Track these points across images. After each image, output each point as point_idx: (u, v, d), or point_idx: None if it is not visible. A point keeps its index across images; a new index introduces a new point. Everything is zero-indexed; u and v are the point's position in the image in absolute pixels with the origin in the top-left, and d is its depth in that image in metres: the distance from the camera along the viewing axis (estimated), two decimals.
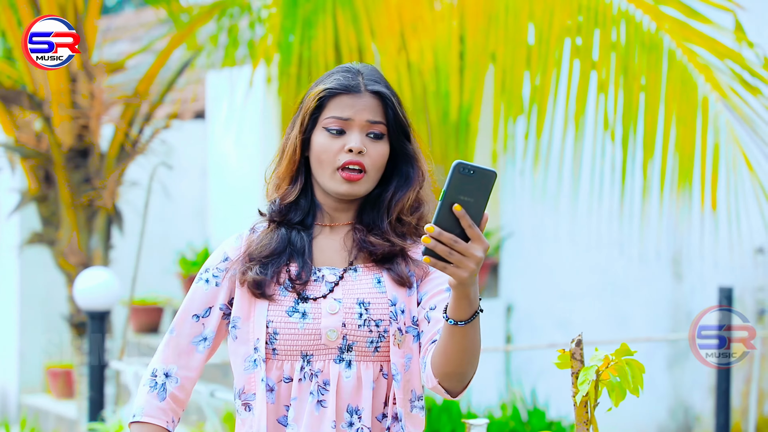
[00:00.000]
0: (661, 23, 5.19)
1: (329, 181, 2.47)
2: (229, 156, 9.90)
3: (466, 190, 2.15)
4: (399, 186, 2.52)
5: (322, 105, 2.48)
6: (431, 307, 2.46)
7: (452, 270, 2.18)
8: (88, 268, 6.10)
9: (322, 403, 2.43)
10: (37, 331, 9.92)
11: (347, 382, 2.44)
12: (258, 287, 2.45)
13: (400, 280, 2.48)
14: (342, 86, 2.47)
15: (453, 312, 2.26)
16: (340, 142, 2.46)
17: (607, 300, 7.97)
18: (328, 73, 2.54)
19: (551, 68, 5.33)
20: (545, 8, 5.32)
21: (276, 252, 2.48)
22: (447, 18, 5.50)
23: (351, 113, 2.46)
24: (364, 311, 2.45)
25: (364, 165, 2.46)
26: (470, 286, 2.22)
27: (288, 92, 5.89)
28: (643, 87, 5.24)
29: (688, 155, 5.20)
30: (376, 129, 2.48)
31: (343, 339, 2.44)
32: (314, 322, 2.44)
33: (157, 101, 6.68)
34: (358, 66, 2.54)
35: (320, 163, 2.47)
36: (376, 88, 2.49)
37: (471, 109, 5.44)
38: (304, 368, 2.44)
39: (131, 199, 7.32)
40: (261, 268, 2.47)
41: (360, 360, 2.45)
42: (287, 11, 5.83)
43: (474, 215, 2.17)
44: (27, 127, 6.54)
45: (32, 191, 6.65)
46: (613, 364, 2.28)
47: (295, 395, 2.44)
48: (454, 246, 2.16)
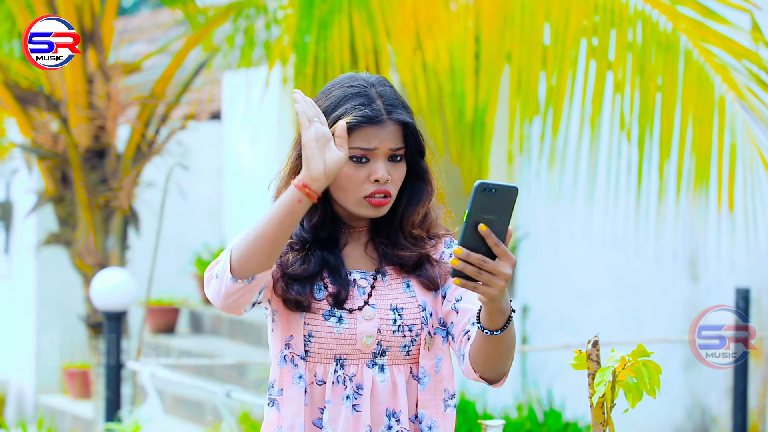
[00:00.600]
0: (677, 23, 5.17)
1: (354, 207, 2.47)
2: (244, 156, 9.91)
3: (490, 209, 2.19)
4: (410, 202, 2.53)
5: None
6: (457, 299, 2.49)
7: (482, 289, 2.22)
8: (104, 269, 6.11)
9: (356, 407, 2.45)
10: (54, 331, 9.94)
11: (382, 386, 2.47)
12: (299, 306, 2.45)
13: (429, 285, 2.51)
14: (366, 118, 2.44)
15: (487, 323, 2.30)
16: (364, 171, 2.45)
17: (623, 301, 7.95)
18: (342, 94, 2.48)
19: (567, 68, 5.32)
20: (561, 8, 5.31)
21: (314, 273, 2.47)
22: (462, 18, 5.50)
23: (376, 143, 2.45)
24: (398, 317, 2.48)
25: (389, 192, 2.46)
26: (501, 300, 2.26)
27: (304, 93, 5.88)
28: (660, 87, 5.23)
29: (705, 155, 5.19)
30: (398, 153, 2.48)
31: (377, 344, 2.46)
32: (350, 328, 2.45)
33: (173, 102, 6.70)
34: (371, 81, 2.50)
35: (344, 191, 2.46)
36: (398, 117, 2.47)
37: (486, 109, 5.43)
38: (338, 372, 2.46)
39: (147, 199, 7.34)
40: (301, 288, 2.45)
41: (392, 364, 2.48)
42: (303, 12, 5.83)
43: (498, 232, 2.20)
44: (44, 128, 6.56)
45: (49, 192, 6.67)
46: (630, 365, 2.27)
47: (329, 398, 2.45)
48: (482, 266, 2.20)
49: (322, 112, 2.44)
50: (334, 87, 2.51)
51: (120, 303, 5.64)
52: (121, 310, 5.66)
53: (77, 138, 6.40)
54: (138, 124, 6.58)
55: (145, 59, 6.94)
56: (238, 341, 9.39)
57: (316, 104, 2.48)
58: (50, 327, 9.99)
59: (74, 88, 6.33)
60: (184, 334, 10.01)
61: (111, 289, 5.65)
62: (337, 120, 2.43)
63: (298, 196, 2.31)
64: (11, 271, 10.56)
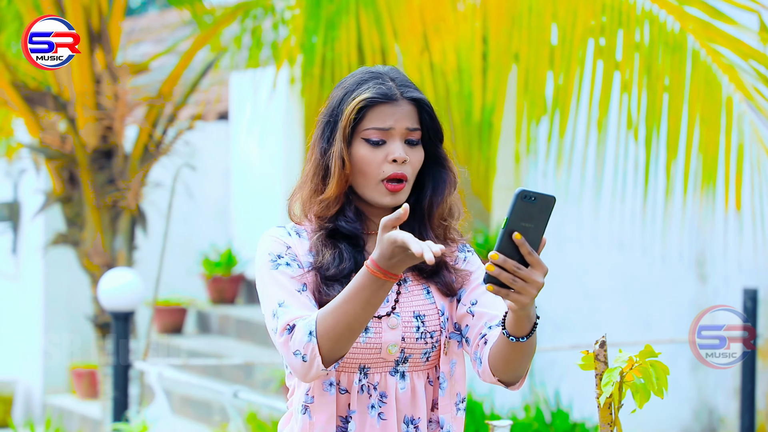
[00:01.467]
0: (685, 23, 5.17)
1: (372, 192, 2.45)
2: (252, 157, 9.92)
3: (527, 217, 2.20)
4: (435, 191, 2.51)
5: (360, 115, 2.44)
6: (472, 302, 2.49)
7: (514, 297, 2.23)
8: (112, 269, 6.12)
9: (381, 415, 2.44)
10: (62, 331, 9.96)
11: (402, 393, 2.46)
12: None
13: (446, 291, 2.51)
14: (381, 95, 2.43)
15: (513, 329, 2.31)
16: (381, 152, 2.44)
17: (630, 301, 7.95)
18: (355, 80, 2.48)
19: (574, 69, 5.32)
20: (568, 8, 5.31)
21: (350, 271, 2.44)
22: (470, 18, 5.50)
23: (391, 122, 2.43)
24: (421, 324, 2.47)
25: (406, 175, 2.45)
26: (530, 308, 2.27)
27: (311, 93, 5.89)
28: (667, 87, 5.23)
29: (712, 155, 5.18)
30: (414, 136, 2.46)
31: (401, 352, 2.45)
32: (376, 337, 2.44)
33: (180, 102, 6.70)
34: (383, 69, 2.51)
35: (363, 174, 2.44)
36: (413, 95, 2.46)
37: (494, 109, 5.43)
38: (362, 381, 2.45)
39: (155, 200, 7.34)
40: (342, 287, 2.40)
41: (412, 371, 2.47)
42: (310, 12, 5.83)
43: (533, 240, 2.21)
44: (52, 129, 6.57)
45: (57, 192, 6.67)
46: (637, 366, 2.27)
47: (355, 408, 2.44)
48: (516, 272, 2.20)
49: (337, 102, 2.45)
50: (348, 78, 2.51)
51: (127, 303, 5.65)
52: (129, 311, 5.66)
53: (85, 138, 6.41)
54: (145, 125, 6.58)
55: (153, 59, 6.95)
56: (246, 341, 9.39)
57: (332, 98, 2.49)
58: (58, 327, 10.00)
59: (82, 89, 6.33)
60: (191, 335, 10.02)
61: (118, 289, 5.65)
62: (353, 102, 2.42)
63: (387, 284, 2.28)
64: (19, 271, 10.57)
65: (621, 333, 7.56)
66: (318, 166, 2.48)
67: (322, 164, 2.47)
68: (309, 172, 2.50)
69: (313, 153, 2.50)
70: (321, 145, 2.48)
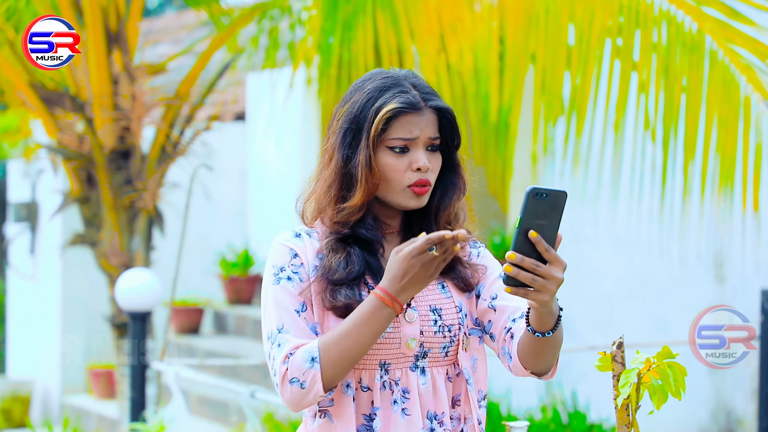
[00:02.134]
0: (702, 24, 5.15)
1: (397, 197, 2.47)
2: (269, 157, 9.93)
3: (541, 214, 2.20)
4: (444, 195, 2.53)
5: (385, 125, 2.45)
6: (493, 297, 2.50)
7: (534, 295, 2.24)
8: (129, 269, 6.14)
9: (405, 411, 2.44)
10: (79, 331, 9.98)
11: (424, 388, 2.47)
12: (349, 310, 2.42)
13: (463, 287, 2.52)
14: (408, 104, 2.45)
15: (537, 325, 2.32)
16: (405, 160, 2.45)
17: (647, 302, 7.93)
18: (376, 87, 2.48)
19: (591, 69, 5.31)
20: (586, 9, 5.30)
21: (359, 274, 2.46)
22: (487, 19, 5.49)
23: (417, 132, 2.46)
24: (438, 317, 2.48)
25: (430, 181, 2.47)
26: (551, 304, 2.27)
27: (328, 94, 5.90)
28: (685, 88, 5.21)
29: (730, 156, 5.17)
30: (435, 143, 2.49)
31: (420, 346, 2.46)
32: (394, 332, 2.45)
33: (198, 103, 6.71)
34: (401, 74, 2.51)
35: (387, 182, 2.46)
36: (437, 104, 2.48)
37: (511, 110, 5.43)
38: (383, 377, 2.45)
39: (172, 200, 7.36)
40: (350, 291, 2.44)
41: (432, 366, 2.48)
42: (327, 13, 5.84)
43: (549, 237, 2.21)
44: (69, 129, 6.59)
45: (74, 193, 6.69)
46: (655, 367, 2.27)
47: (378, 404, 2.45)
48: (536, 270, 2.22)
49: (359, 108, 2.46)
50: (367, 82, 2.51)
51: (145, 303, 5.66)
52: (146, 311, 5.67)
53: (102, 139, 6.43)
54: (163, 125, 6.60)
55: (170, 60, 6.96)
56: (263, 342, 9.39)
57: (350, 102, 2.49)
58: (75, 327, 10.03)
59: (100, 89, 6.35)
60: (208, 335, 10.03)
61: (136, 289, 5.67)
62: (378, 112, 2.44)
63: (393, 313, 2.34)
64: (37, 272, 10.61)
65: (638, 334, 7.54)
66: (340, 174, 2.48)
67: (344, 172, 2.48)
68: (328, 179, 2.50)
69: (332, 159, 2.50)
70: (343, 152, 2.48)
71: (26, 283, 10.72)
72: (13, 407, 10.34)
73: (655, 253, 7.52)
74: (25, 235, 10.74)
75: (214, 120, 6.98)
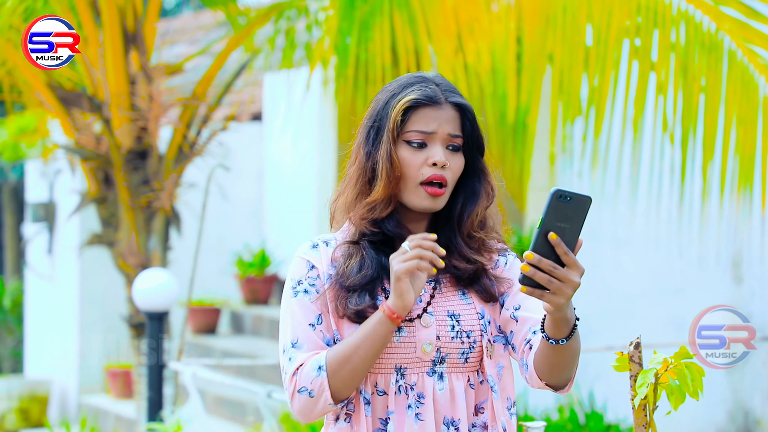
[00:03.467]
0: (721, 24, 5.14)
1: (411, 195, 2.45)
2: (285, 158, 9.94)
3: (563, 217, 2.18)
4: (467, 201, 2.50)
5: (404, 118, 2.44)
6: (515, 307, 2.48)
7: (549, 297, 2.21)
8: (146, 269, 6.15)
9: (419, 416, 2.43)
10: (97, 331, 10.01)
11: (441, 394, 2.45)
12: (360, 316, 2.42)
13: (487, 298, 2.49)
14: (426, 97, 2.44)
15: (552, 332, 2.29)
16: (422, 155, 2.44)
17: (665, 303, 7.91)
18: (400, 84, 2.49)
19: (609, 69, 5.30)
20: (603, 9, 5.28)
21: (374, 279, 2.45)
22: (504, 19, 5.48)
23: (435, 126, 2.44)
24: (456, 323, 2.46)
25: (446, 179, 2.44)
26: (566, 310, 2.25)
27: (345, 94, 5.90)
28: (703, 88, 5.19)
29: (749, 156, 5.15)
30: (455, 142, 2.46)
31: (437, 351, 2.44)
32: (410, 336, 2.44)
33: (214, 103, 6.72)
34: (428, 75, 2.51)
35: (404, 178, 2.44)
36: (457, 100, 2.47)
37: (528, 110, 5.42)
38: (399, 381, 2.44)
39: (189, 200, 7.37)
40: (360, 297, 2.43)
41: (451, 372, 2.46)
42: (344, 13, 5.83)
43: (569, 241, 2.20)
44: (87, 130, 6.61)
45: (92, 193, 6.71)
46: (672, 367, 2.26)
47: (392, 409, 2.44)
48: (553, 272, 2.19)
49: (382, 105, 2.46)
50: (392, 83, 2.52)
51: (162, 303, 5.67)
52: (163, 311, 5.68)
53: (120, 139, 6.44)
54: (180, 125, 6.61)
55: (187, 60, 6.97)
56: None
57: (376, 101, 2.49)
58: (93, 327, 10.06)
59: (117, 90, 6.36)
60: (225, 335, 10.05)
61: (153, 289, 5.68)
62: (399, 103, 2.43)
63: (392, 326, 2.36)
64: (55, 272, 10.64)
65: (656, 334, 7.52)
66: (363, 169, 2.48)
67: (367, 167, 2.48)
68: (353, 176, 2.50)
69: (357, 156, 2.50)
70: (366, 149, 2.48)
71: (44, 283, 10.76)
72: (30, 407, 10.38)
73: (674, 253, 7.49)
74: (42, 236, 10.77)
75: (230, 120, 6.98)
